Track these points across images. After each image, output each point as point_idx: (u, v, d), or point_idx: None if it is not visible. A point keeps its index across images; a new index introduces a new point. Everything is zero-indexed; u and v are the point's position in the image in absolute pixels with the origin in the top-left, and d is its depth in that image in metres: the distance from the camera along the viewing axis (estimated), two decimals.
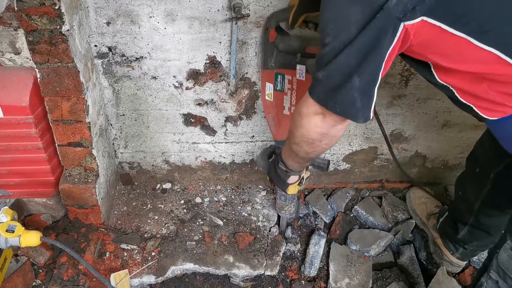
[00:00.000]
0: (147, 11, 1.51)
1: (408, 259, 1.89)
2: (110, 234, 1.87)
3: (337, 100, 1.04)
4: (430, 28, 0.92)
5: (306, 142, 1.19)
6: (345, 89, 1.01)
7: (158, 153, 2.01)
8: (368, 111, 1.04)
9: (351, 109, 1.04)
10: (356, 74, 0.98)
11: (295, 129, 1.19)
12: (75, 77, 1.45)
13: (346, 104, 1.03)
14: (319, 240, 1.91)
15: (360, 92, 1.01)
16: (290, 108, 1.69)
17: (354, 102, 1.02)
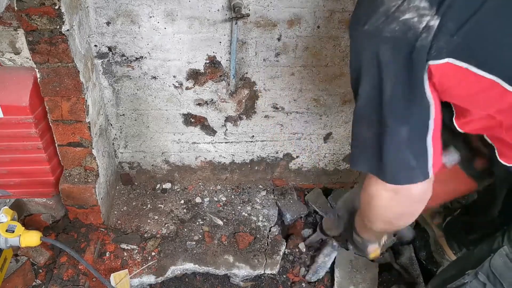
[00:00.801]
0: (147, 11, 1.51)
1: (407, 259, 1.89)
2: (110, 234, 1.87)
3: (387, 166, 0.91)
4: (457, 71, 0.84)
5: (381, 221, 1.08)
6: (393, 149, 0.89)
7: (158, 153, 2.01)
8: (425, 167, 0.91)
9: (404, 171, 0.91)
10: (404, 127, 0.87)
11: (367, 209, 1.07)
12: (75, 77, 1.45)
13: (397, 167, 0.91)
14: (331, 252, 1.86)
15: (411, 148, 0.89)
16: None
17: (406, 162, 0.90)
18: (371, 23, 0.86)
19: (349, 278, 1.81)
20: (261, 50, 1.65)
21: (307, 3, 1.53)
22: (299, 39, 1.63)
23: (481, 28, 0.81)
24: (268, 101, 1.83)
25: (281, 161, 2.08)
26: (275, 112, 1.87)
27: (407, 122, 0.88)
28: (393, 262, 1.90)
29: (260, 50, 1.65)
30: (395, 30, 0.83)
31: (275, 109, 1.86)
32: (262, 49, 1.65)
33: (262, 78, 1.75)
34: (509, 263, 1.12)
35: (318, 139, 2.00)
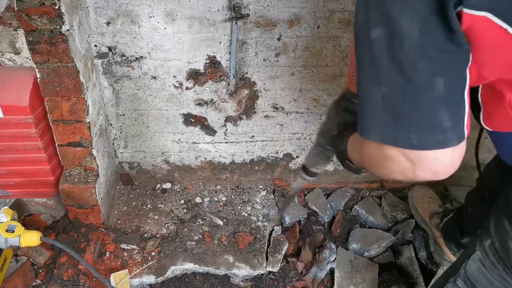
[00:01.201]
0: (147, 11, 1.51)
1: (407, 259, 1.89)
2: (110, 234, 1.87)
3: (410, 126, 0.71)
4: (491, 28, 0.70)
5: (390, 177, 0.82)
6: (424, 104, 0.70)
7: (158, 153, 2.01)
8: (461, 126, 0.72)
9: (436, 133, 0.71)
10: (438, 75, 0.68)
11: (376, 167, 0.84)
12: (75, 77, 1.45)
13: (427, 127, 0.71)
14: (330, 255, 1.88)
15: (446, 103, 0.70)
16: None
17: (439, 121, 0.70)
18: None
19: (349, 278, 1.81)
20: (261, 50, 1.65)
21: (307, 3, 1.53)
22: (299, 39, 1.63)
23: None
24: (268, 101, 1.83)
25: (281, 161, 2.08)
26: (275, 112, 1.87)
27: (442, 73, 0.69)
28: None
29: (260, 50, 1.65)
30: None
31: (275, 109, 1.86)
32: (262, 49, 1.65)
33: (262, 78, 1.75)
34: (482, 268, 1.11)
35: None
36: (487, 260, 1.10)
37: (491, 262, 1.09)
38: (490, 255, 1.09)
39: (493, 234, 1.08)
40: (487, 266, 1.10)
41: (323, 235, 2.00)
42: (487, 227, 1.11)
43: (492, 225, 1.10)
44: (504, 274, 1.06)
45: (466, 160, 0.87)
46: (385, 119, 0.73)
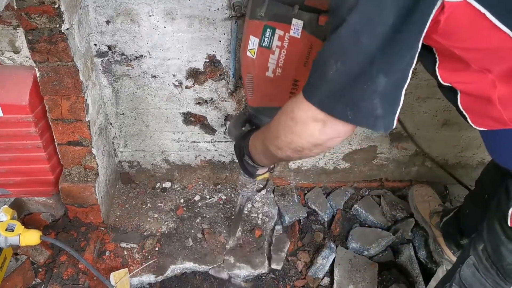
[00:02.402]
0: (147, 10, 1.51)
1: (407, 259, 1.89)
2: (109, 233, 1.87)
3: (350, 105, 0.81)
4: (471, 13, 0.74)
5: (293, 149, 0.97)
6: (364, 94, 0.79)
7: (157, 152, 2.01)
8: (391, 118, 0.83)
9: (368, 117, 0.82)
10: (383, 74, 0.77)
11: (283, 133, 0.96)
12: (75, 76, 1.45)
13: (363, 111, 0.81)
14: (329, 254, 1.88)
15: (384, 96, 0.80)
16: (275, 70, 1.39)
17: (374, 109, 0.81)
18: None
19: (349, 277, 1.81)
20: None
21: None
22: None
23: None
24: None
25: None
26: None
27: (388, 72, 0.77)
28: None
29: None
30: None
31: None
32: None
33: None
34: (476, 273, 1.11)
35: None
36: (481, 265, 1.09)
37: (485, 267, 1.08)
38: (484, 259, 1.08)
39: (486, 239, 1.08)
40: (481, 271, 1.09)
41: (322, 234, 2.00)
42: (480, 231, 1.11)
43: (485, 229, 1.09)
44: (497, 279, 1.06)
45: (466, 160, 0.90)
46: (330, 90, 0.83)
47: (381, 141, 2.02)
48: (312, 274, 1.84)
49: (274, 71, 1.39)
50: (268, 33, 1.33)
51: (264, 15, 1.30)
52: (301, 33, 1.32)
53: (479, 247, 1.10)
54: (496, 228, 1.04)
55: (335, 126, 0.86)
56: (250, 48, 1.37)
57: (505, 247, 1.02)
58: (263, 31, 1.33)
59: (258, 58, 1.38)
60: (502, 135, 0.96)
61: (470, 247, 1.14)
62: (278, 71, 1.39)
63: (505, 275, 1.04)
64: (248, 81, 1.43)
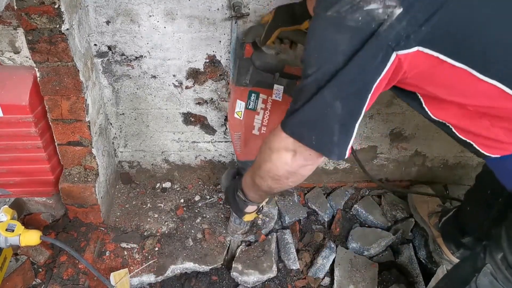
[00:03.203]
0: (147, 10, 1.51)
1: (407, 259, 1.89)
2: (110, 233, 1.87)
3: (314, 131, 0.97)
4: (427, 59, 0.85)
5: (272, 177, 1.14)
6: (325, 118, 0.93)
7: (157, 152, 2.01)
8: (344, 148, 0.97)
9: (327, 142, 0.96)
10: (339, 100, 0.91)
11: (263, 162, 1.13)
12: (75, 76, 1.45)
13: (324, 135, 0.96)
14: (329, 254, 1.87)
15: (340, 124, 0.94)
16: (260, 128, 1.60)
17: (332, 134, 0.95)
18: (335, 9, 0.85)
19: (349, 277, 1.81)
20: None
21: None
22: None
23: (450, 18, 0.81)
24: None
25: None
26: None
27: (345, 105, 0.91)
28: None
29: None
30: (359, 20, 0.83)
31: None
32: None
33: None
34: (494, 282, 1.09)
35: None
36: (499, 274, 1.07)
37: (505, 277, 1.06)
38: (503, 269, 1.06)
39: (505, 248, 1.06)
40: (499, 280, 1.08)
41: (322, 234, 2.00)
42: (497, 239, 1.09)
43: (504, 238, 1.07)
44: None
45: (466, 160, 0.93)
46: (299, 119, 0.98)
47: (381, 141, 2.02)
48: (312, 274, 1.84)
49: (260, 129, 1.60)
50: (253, 97, 1.55)
51: (249, 82, 1.53)
52: (282, 96, 1.54)
53: (497, 256, 1.08)
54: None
55: (304, 153, 1.02)
56: (237, 111, 1.59)
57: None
58: (249, 95, 1.55)
59: (245, 118, 1.59)
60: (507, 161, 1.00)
61: (485, 254, 1.12)
62: (263, 129, 1.60)
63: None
64: (236, 138, 1.64)
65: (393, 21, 0.81)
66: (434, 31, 0.81)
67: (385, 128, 1.96)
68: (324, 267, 1.85)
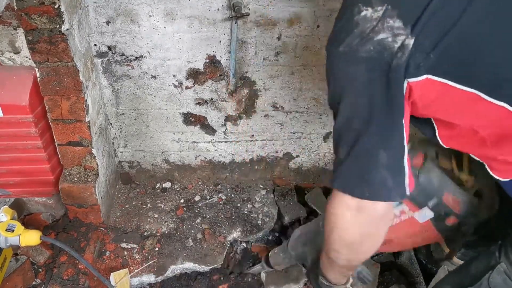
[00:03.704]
0: (147, 10, 1.51)
1: (407, 259, 1.89)
2: (110, 233, 1.87)
3: (364, 183, 0.92)
4: (436, 86, 0.85)
5: (345, 245, 1.05)
6: (373, 168, 0.90)
7: (157, 152, 2.01)
8: (402, 187, 0.92)
9: (382, 190, 0.91)
10: (382, 149, 0.89)
11: (330, 232, 1.04)
12: (75, 76, 1.45)
13: (376, 185, 0.91)
14: None
15: (389, 169, 0.90)
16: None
17: (384, 182, 0.91)
18: (346, 44, 0.88)
19: None
20: (261, 49, 1.65)
21: (306, 2, 1.53)
22: (299, 38, 1.63)
23: (456, 44, 0.82)
24: (268, 100, 1.83)
25: (281, 161, 2.08)
26: (275, 112, 1.87)
27: (385, 146, 0.89)
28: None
29: (260, 49, 1.65)
30: (371, 51, 0.84)
31: (275, 109, 1.86)
32: (262, 48, 1.65)
33: (262, 78, 1.75)
34: (508, 281, 1.09)
35: (318, 139, 2.00)
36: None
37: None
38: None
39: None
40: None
41: None
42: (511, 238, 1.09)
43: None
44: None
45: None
46: (346, 173, 0.95)
47: None
48: None
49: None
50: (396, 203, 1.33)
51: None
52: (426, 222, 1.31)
53: (511, 254, 1.08)
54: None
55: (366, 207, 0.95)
56: None
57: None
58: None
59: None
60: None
61: (501, 253, 1.12)
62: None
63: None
64: None
65: (403, 49, 0.82)
66: (442, 58, 0.83)
67: None
68: None
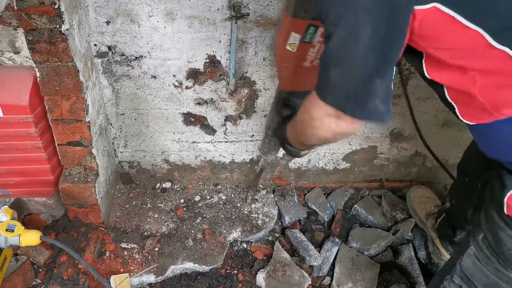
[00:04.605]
0: (147, 10, 1.51)
1: (407, 259, 1.89)
2: (110, 233, 1.87)
3: (357, 107, 0.91)
4: (441, 17, 0.82)
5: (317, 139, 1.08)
6: (367, 97, 0.88)
7: (157, 152, 2.01)
8: (390, 112, 0.93)
9: (374, 114, 0.91)
10: (378, 77, 0.86)
11: (306, 128, 1.08)
12: (75, 76, 1.45)
13: (368, 111, 0.91)
14: (332, 247, 1.89)
15: (383, 97, 0.89)
16: (313, 60, 1.49)
17: (377, 107, 0.89)
18: None
19: (349, 275, 1.81)
20: (261, 49, 1.65)
21: None
22: None
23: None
24: (268, 100, 1.83)
25: (281, 160, 2.09)
26: None
27: (382, 74, 0.87)
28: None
29: (260, 49, 1.65)
30: None
31: None
32: (262, 48, 1.65)
33: (262, 78, 1.75)
34: (477, 262, 1.13)
35: None
36: (481, 254, 1.11)
37: (485, 256, 1.10)
38: (484, 249, 1.10)
39: (485, 228, 1.10)
40: (481, 260, 1.12)
41: (323, 234, 2.00)
42: (478, 223, 1.13)
43: (482, 220, 1.11)
44: (498, 266, 1.08)
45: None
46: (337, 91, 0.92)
47: (381, 142, 2.02)
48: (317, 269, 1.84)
49: (312, 62, 1.48)
50: (311, 30, 1.40)
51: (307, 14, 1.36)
52: None
53: (479, 237, 1.12)
54: (494, 216, 1.06)
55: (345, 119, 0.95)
56: (290, 43, 1.44)
57: (504, 233, 1.04)
58: (306, 28, 1.40)
59: (298, 51, 1.45)
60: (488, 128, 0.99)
61: (470, 238, 1.16)
62: (315, 61, 1.48)
63: (506, 261, 1.06)
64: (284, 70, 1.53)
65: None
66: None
67: (385, 128, 1.96)
68: (327, 261, 1.86)
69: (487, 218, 1.10)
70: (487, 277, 1.11)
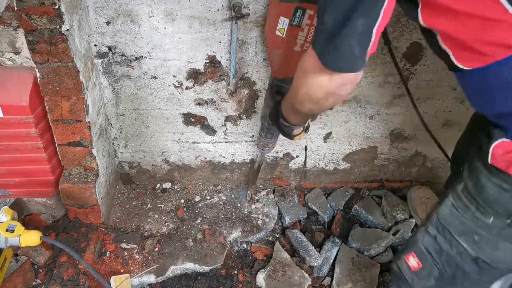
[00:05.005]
0: (147, 11, 1.51)
1: None
2: (110, 234, 1.87)
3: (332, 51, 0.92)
4: None
5: (310, 101, 1.08)
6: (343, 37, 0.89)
7: (158, 152, 2.01)
8: (364, 59, 0.94)
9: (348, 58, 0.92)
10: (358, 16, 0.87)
11: (299, 87, 1.08)
12: (75, 76, 1.45)
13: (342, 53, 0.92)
14: (332, 247, 1.90)
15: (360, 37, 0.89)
16: (303, 44, 1.54)
17: (351, 50, 0.90)
18: None
19: (349, 275, 1.81)
20: (261, 50, 1.66)
21: None
22: None
23: None
24: None
25: (281, 161, 2.09)
26: None
27: (361, 13, 0.87)
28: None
29: (260, 49, 1.65)
30: None
31: None
32: (262, 48, 1.65)
33: (262, 78, 1.75)
34: (454, 211, 1.13)
35: (318, 139, 2.00)
36: (459, 203, 1.11)
37: (464, 204, 1.10)
38: (463, 197, 1.10)
39: (466, 177, 1.10)
40: (459, 208, 1.12)
41: (323, 235, 2.00)
42: (461, 176, 1.13)
43: (466, 170, 1.12)
44: (477, 214, 1.08)
45: None
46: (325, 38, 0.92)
47: (381, 142, 2.02)
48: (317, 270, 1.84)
49: (302, 46, 1.51)
50: (298, 13, 1.44)
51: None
52: None
53: (459, 188, 1.12)
54: (477, 165, 1.06)
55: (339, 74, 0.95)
56: (279, 28, 1.49)
57: (486, 179, 1.04)
58: (294, 12, 1.45)
59: (287, 35, 1.49)
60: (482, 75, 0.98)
61: (448, 188, 1.17)
62: (305, 45, 1.51)
63: (485, 208, 1.06)
64: (275, 56, 1.56)
65: None
66: None
67: (385, 128, 1.96)
68: (327, 261, 1.85)
69: (470, 167, 1.10)
70: (464, 224, 1.11)
